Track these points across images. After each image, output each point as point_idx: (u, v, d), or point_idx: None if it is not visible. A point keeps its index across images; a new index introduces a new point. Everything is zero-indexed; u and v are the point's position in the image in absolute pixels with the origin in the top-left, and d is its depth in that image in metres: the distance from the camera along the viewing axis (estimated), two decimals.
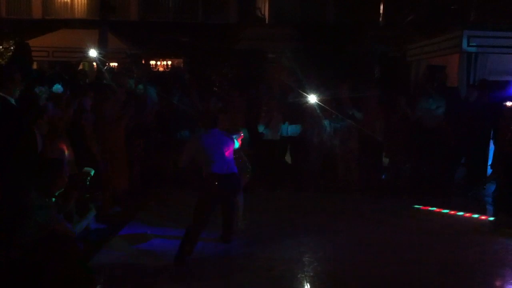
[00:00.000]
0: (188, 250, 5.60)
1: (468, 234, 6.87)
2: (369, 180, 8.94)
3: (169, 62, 17.72)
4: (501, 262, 5.94)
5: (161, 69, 17.50)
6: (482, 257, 6.04)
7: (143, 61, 16.17)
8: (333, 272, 5.52)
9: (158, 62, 17.60)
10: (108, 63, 13.13)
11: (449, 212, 7.87)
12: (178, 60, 18.01)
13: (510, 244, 6.46)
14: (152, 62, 17.34)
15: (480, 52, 10.08)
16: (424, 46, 12.06)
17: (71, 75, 10.32)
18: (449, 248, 6.35)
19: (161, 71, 17.04)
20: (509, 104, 8.66)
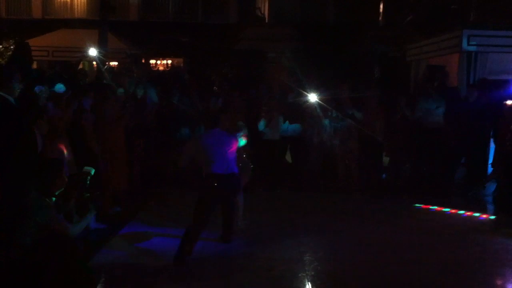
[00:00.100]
0: (188, 250, 5.60)
1: (469, 234, 6.87)
2: (369, 180, 8.95)
3: (169, 61, 17.71)
4: (501, 262, 5.94)
5: (161, 68, 17.49)
6: (482, 257, 6.04)
7: (143, 61, 16.16)
8: (333, 272, 5.51)
9: (158, 61, 17.58)
10: (108, 63, 13.12)
11: (449, 212, 7.88)
12: (178, 60, 18.00)
13: (510, 244, 6.47)
14: (152, 61, 17.32)
15: (480, 51, 10.09)
16: (424, 46, 12.07)
17: (71, 75, 10.34)
18: (449, 248, 6.35)
19: (161, 71, 17.03)
20: (509, 104, 8.66)
